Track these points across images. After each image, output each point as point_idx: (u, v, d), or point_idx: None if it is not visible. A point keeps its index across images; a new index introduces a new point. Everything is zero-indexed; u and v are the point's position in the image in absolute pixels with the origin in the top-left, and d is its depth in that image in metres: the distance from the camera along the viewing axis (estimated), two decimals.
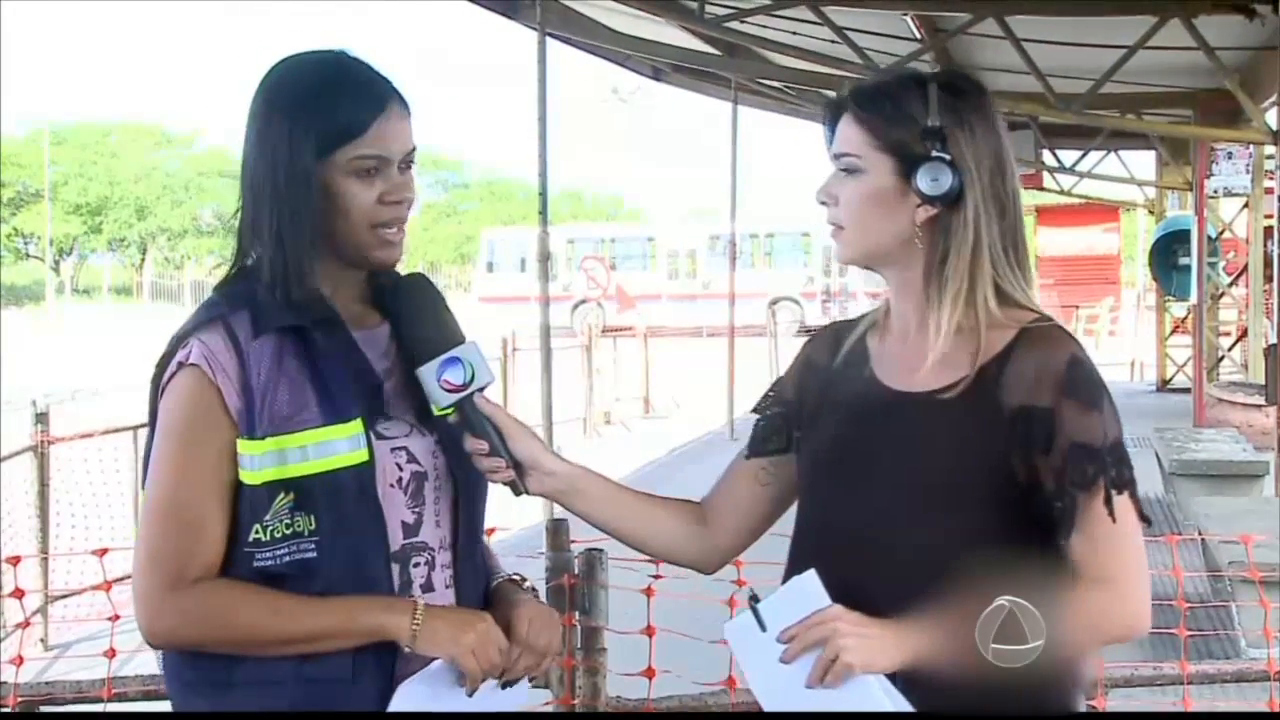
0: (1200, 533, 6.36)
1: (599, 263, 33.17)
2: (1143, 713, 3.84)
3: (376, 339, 1.94)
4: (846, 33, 10.40)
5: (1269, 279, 13.78)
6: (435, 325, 1.92)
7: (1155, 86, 13.24)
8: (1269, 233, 13.17)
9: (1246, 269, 14.60)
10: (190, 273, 48.59)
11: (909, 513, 1.79)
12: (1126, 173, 19.73)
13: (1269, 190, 13.09)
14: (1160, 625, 1.88)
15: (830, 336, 1.99)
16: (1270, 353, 9.69)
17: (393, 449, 1.88)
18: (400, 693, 1.82)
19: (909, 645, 1.73)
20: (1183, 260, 15.87)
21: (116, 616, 3.56)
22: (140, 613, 1.83)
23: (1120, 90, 12.33)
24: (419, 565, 1.89)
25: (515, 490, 1.95)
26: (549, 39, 9.32)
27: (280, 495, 1.80)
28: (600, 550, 3.31)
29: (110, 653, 3.62)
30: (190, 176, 53.77)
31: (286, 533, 1.81)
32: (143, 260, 53.37)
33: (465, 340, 1.91)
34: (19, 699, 3.50)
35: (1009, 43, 10.15)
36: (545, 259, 9.25)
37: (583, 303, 31.51)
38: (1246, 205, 14.48)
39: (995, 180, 1.83)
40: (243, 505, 1.82)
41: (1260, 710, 3.99)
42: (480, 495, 1.98)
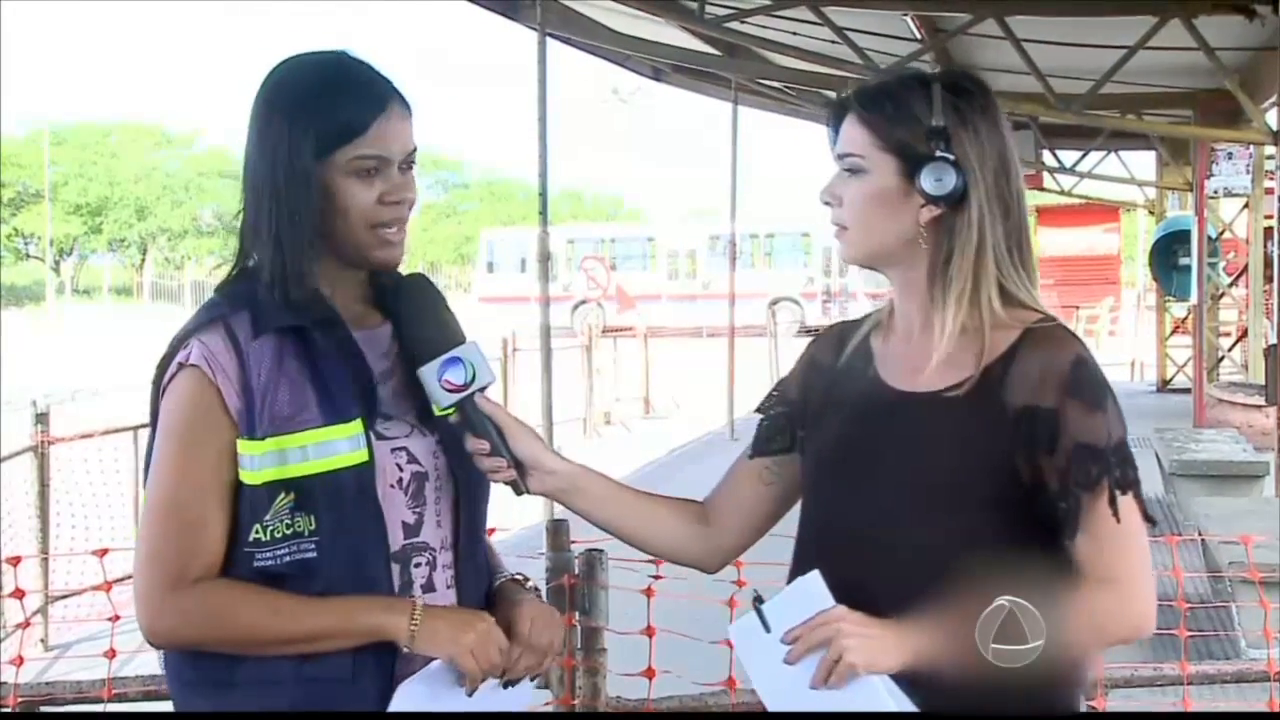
0: (1200, 533, 6.36)
1: (599, 263, 33.17)
2: (1143, 713, 3.84)
3: (378, 339, 1.94)
4: (846, 33, 10.41)
5: (1269, 279, 13.78)
6: (436, 325, 1.92)
7: (1155, 87, 13.24)
8: (1269, 233, 13.17)
9: (1246, 269, 14.60)
10: (190, 273, 48.56)
11: (912, 513, 1.79)
12: (1127, 173, 19.73)
13: (1269, 190, 13.10)
14: (1160, 626, 1.88)
15: (834, 336, 1.99)
16: (1270, 353, 9.68)
17: (393, 449, 1.88)
18: (400, 693, 1.82)
19: (912, 645, 1.73)
20: (1183, 260, 15.87)
21: (117, 617, 3.55)
22: (141, 612, 1.83)
23: (1120, 90, 12.33)
24: (420, 565, 1.89)
25: (516, 490, 1.95)
26: (549, 39, 9.33)
27: (281, 495, 1.81)
28: (600, 551, 3.31)
29: (110, 653, 3.62)
30: (190, 177, 53.73)
31: (287, 533, 1.81)
32: (143, 260, 53.35)
33: (466, 340, 1.91)
34: (19, 699, 3.50)
35: (1009, 43, 10.15)
36: (545, 259, 9.25)
37: (583, 303, 31.51)
38: (1247, 205, 14.48)
39: (1000, 180, 1.82)
40: (243, 505, 1.82)
41: (1260, 710, 3.99)
42: (482, 495, 1.98)
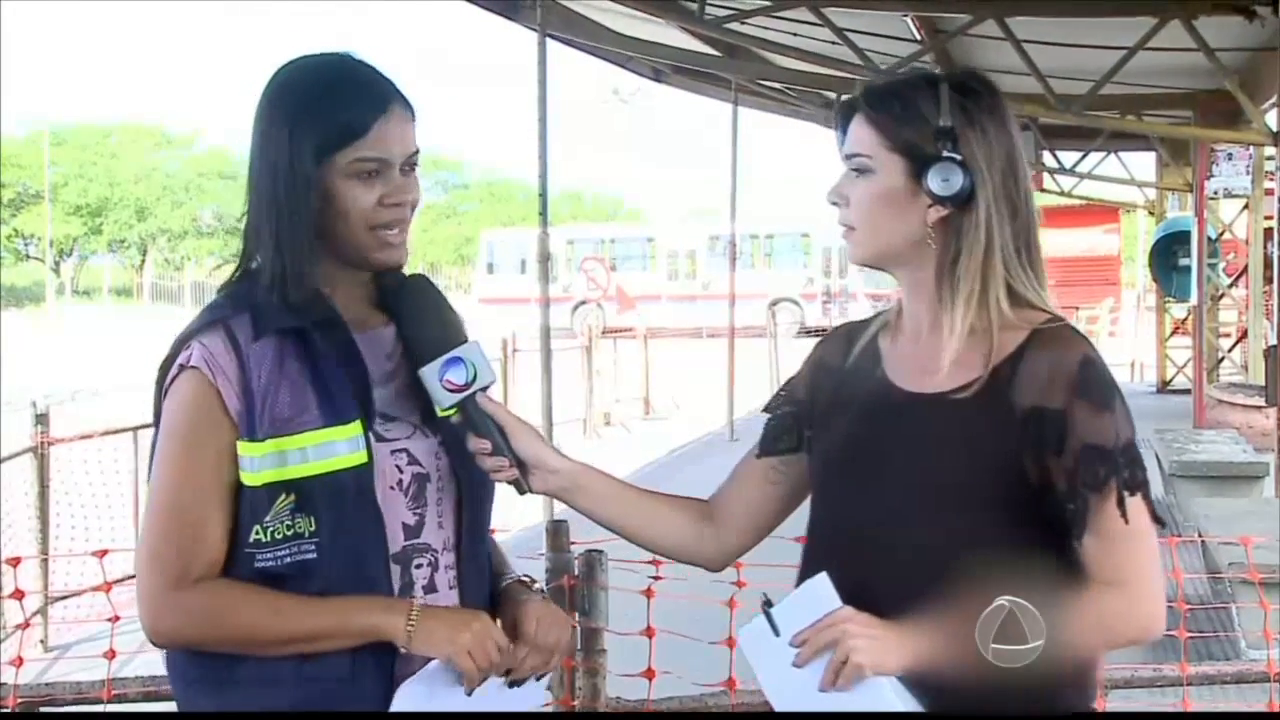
0: (1200, 534, 6.36)
1: (599, 264, 33.17)
2: (1143, 713, 3.84)
3: (381, 341, 1.94)
4: (846, 34, 10.41)
5: (1269, 280, 13.78)
6: (437, 326, 1.92)
7: (1155, 87, 13.24)
8: (1269, 234, 13.17)
9: (1246, 270, 14.61)
10: (190, 274, 48.60)
11: (920, 513, 1.78)
12: (1127, 174, 19.73)
13: (1269, 191, 13.11)
14: None
15: (843, 337, 1.98)
16: (1270, 354, 9.68)
17: (393, 451, 1.88)
18: (400, 693, 1.82)
19: (919, 646, 1.73)
20: (1183, 261, 15.88)
21: (116, 618, 3.55)
22: (143, 612, 1.84)
23: (1120, 91, 12.34)
24: (421, 566, 1.89)
25: (519, 489, 1.95)
26: (549, 40, 9.34)
27: (281, 497, 1.81)
28: (600, 551, 3.31)
29: (110, 654, 3.62)
30: (190, 177, 53.70)
31: (287, 534, 1.81)
32: (143, 261, 53.36)
33: (467, 340, 1.91)
34: (19, 700, 3.50)
35: (1009, 44, 10.15)
36: (545, 260, 9.26)
37: (583, 304, 31.51)
38: (1246, 206, 14.49)
39: (1007, 181, 1.82)
40: (243, 506, 1.82)
41: (1260, 711, 3.99)
42: (485, 497, 1.97)
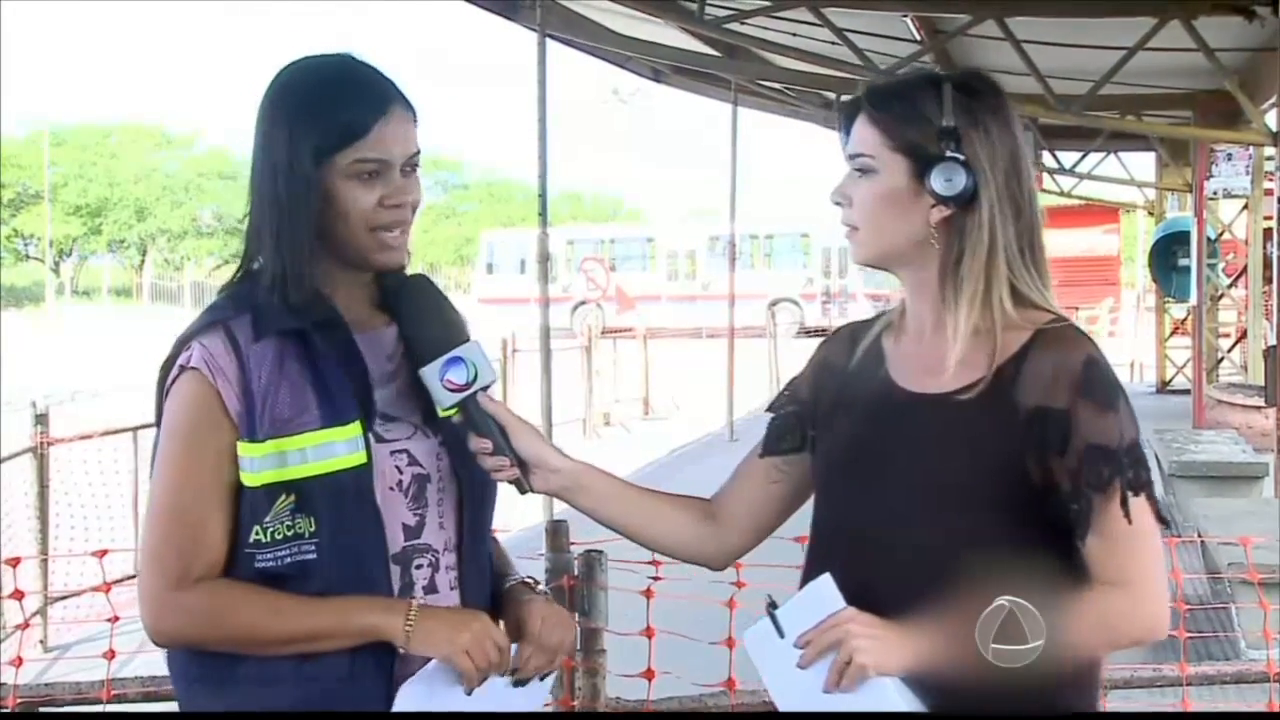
0: (1200, 534, 6.36)
1: (598, 264, 33.17)
2: (1143, 713, 3.84)
3: (383, 341, 1.94)
4: (846, 34, 10.41)
5: (1268, 280, 13.79)
6: (437, 326, 1.92)
7: (1155, 88, 13.24)
8: (1268, 234, 13.17)
9: (1246, 270, 14.61)
10: (190, 274, 48.62)
11: (923, 514, 1.78)
12: (1126, 174, 19.74)
13: (1268, 192, 13.11)
14: None
15: (847, 336, 1.98)
16: (1270, 354, 9.69)
17: (392, 452, 1.88)
18: (402, 693, 1.82)
19: (922, 646, 1.72)
20: (1182, 262, 15.88)
21: (116, 618, 3.55)
22: (144, 611, 1.84)
23: (1120, 92, 12.34)
24: (422, 567, 1.89)
25: (520, 488, 1.94)
26: (549, 40, 9.34)
27: (281, 497, 1.81)
28: (600, 552, 3.31)
29: (110, 654, 3.62)
30: (190, 178, 53.69)
31: (288, 534, 1.81)
32: (142, 261, 53.37)
33: (468, 340, 1.91)
34: (18, 700, 3.50)
35: (1009, 44, 10.15)
36: (545, 260, 9.26)
37: (582, 304, 31.51)
38: (1246, 207, 14.49)
39: (1011, 181, 1.81)
40: (244, 507, 1.82)
41: (1260, 711, 3.99)
42: (487, 498, 1.97)
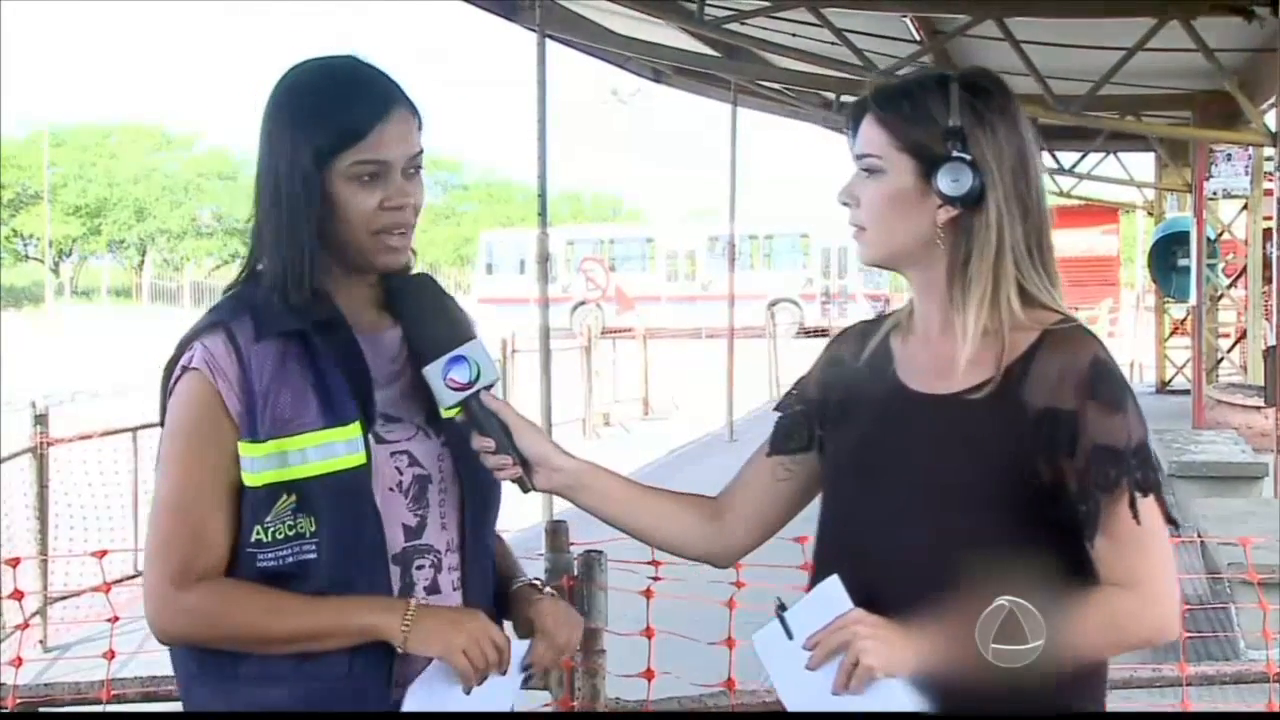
0: (1199, 534, 6.36)
1: (598, 264, 33.18)
2: (1143, 713, 3.83)
3: (387, 343, 1.94)
4: (845, 34, 10.42)
5: (1268, 281, 13.79)
6: (439, 325, 1.92)
7: (1154, 88, 13.24)
8: (1268, 234, 13.19)
9: (1245, 271, 14.61)
10: (189, 274, 48.62)
11: (931, 514, 1.78)
12: (1126, 174, 19.74)
13: (1268, 192, 13.11)
14: None
15: (856, 336, 1.97)
16: (1269, 355, 9.69)
17: (393, 453, 1.88)
18: (409, 695, 1.83)
19: (930, 647, 1.72)
20: (1182, 262, 15.88)
21: (115, 618, 3.55)
22: (148, 609, 1.85)
23: (1119, 92, 12.34)
24: (423, 568, 1.90)
25: (523, 487, 1.94)
26: (548, 40, 9.34)
27: (282, 497, 1.82)
28: (599, 552, 3.30)
29: (109, 654, 3.62)
30: (190, 178, 53.67)
31: (289, 534, 1.82)
32: (142, 262, 53.34)
33: (471, 339, 1.91)
34: (18, 700, 3.50)
35: (1008, 44, 10.15)
36: (544, 260, 9.27)
37: (582, 304, 31.52)
38: (1245, 207, 14.49)
39: (1018, 180, 1.81)
40: (245, 507, 1.83)
41: (1260, 711, 3.99)
42: (490, 498, 1.98)
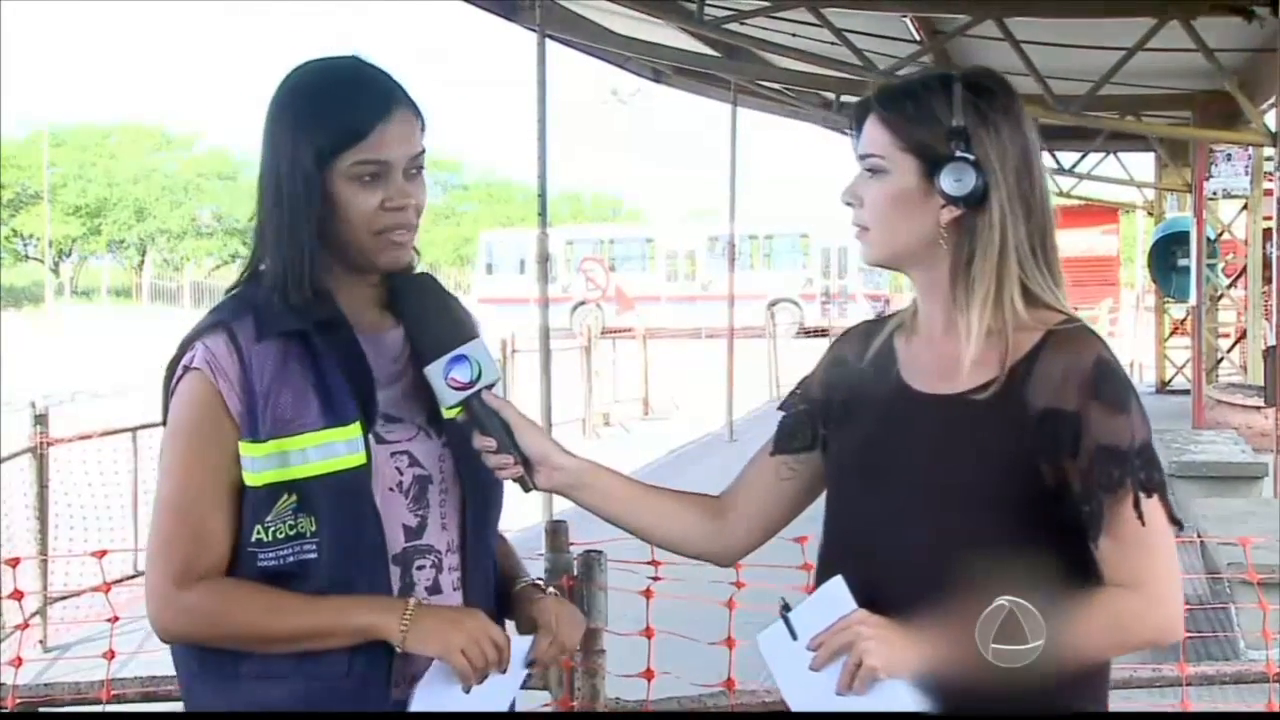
0: (1199, 534, 6.35)
1: (598, 264, 33.16)
2: (1143, 713, 3.83)
3: (389, 343, 1.94)
4: (845, 34, 10.42)
5: (1268, 281, 13.79)
6: (441, 324, 1.92)
7: (1154, 88, 13.24)
8: (1268, 234, 13.18)
9: (1245, 271, 14.61)
10: (189, 274, 48.61)
11: (934, 515, 1.77)
12: (1125, 174, 19.74)
13: (1268, 192, 13.11)
14: None
15: (860, 335, 1.97)
16: (1269, 355, 9.70)
17: (393, 453, 1.88)
18: (416, 696, 1.83)
19: (933, 648, 1.72)
20: (1182, 262, 15.88)
21: (115, 618, 3.56)
22: (150, 608, 1.86)
23: (1119, 92, 12.35)
24: (424, 568, 1.90)
25: (524, 486, 1.94)
26: (548, 40, 9.34)
27: (283, 497, 1.82)
28: (599, 552, 3.30)
29: (109, 654, 3.62)
30: (190, 178, 53.63)
31: (289, 534, 1.82)
32: (142, 262, 53.31)
33: (473, 338, 1.91)
34: (18, 700, 3.50)
35: (1008, 44, 10.15)
36: (544, 261, 9.27)
37: (582, 304, 31.50)
38: (1245, 207, 14.49)
39: (1022, 180, 1.81)
40: (246, 506, 1.83)
41: (1260, 711, 3.99)
42: (491, 499, 1.98)
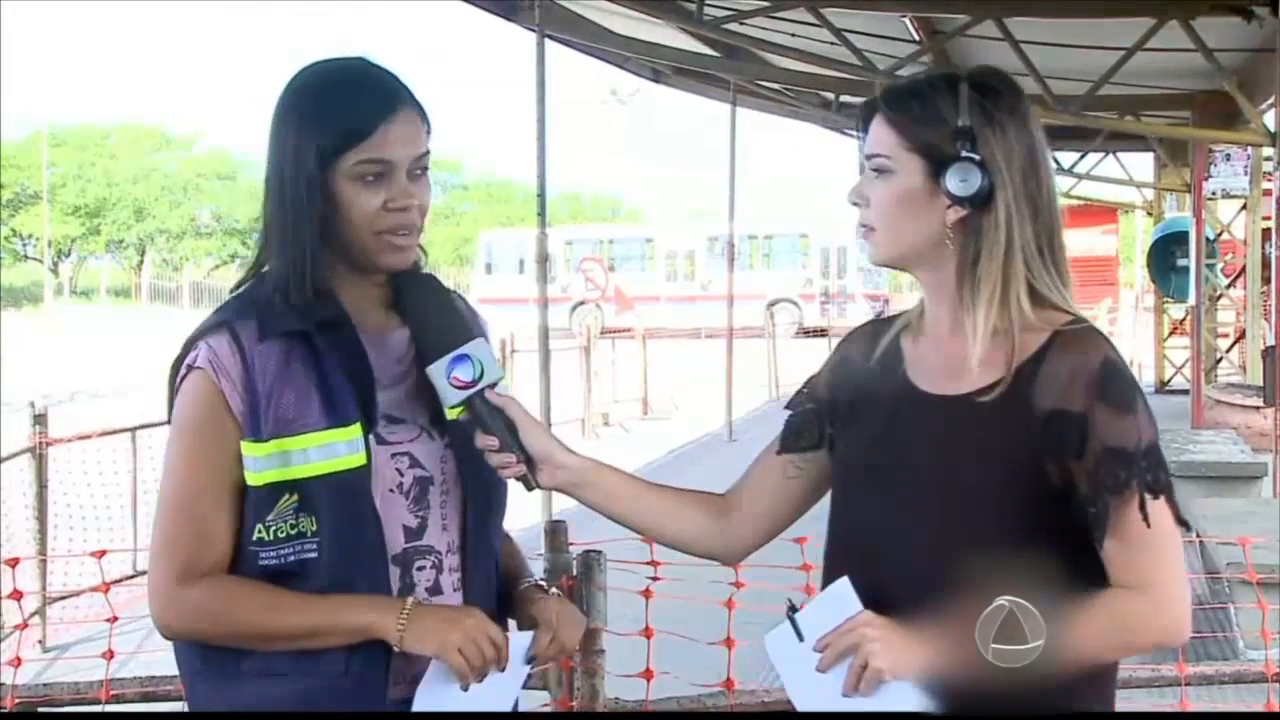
0: (1198, 534, 6.35)
1: (597, 264, 33.14)
2: (1142, 713, 3.83)
3: (394, 343, 1.94)
4: (845, 34, 10.42)
5: (1267, 281, 13.80)
6: (443, 324, 1.92)
7: (1153, 88, 13.25)
8: (1267, 234, 13.20)
9: (1244, 271, 14.62)
10: (189, 274, 48.60)
11: (940, 516, 1.77)
12: (1125, 174, 19.75)
13: (1267, 192, 13.11)
14: None
15: (867, 335, 1.97)
16: (1268, 355, 9.70)
17: (394, 454, 1.88)
18: (419, 696, 1.84)
19: (938, 649, 1.71)
20: (1181, 262, 15.90)
21: (115, 618, 3.56)
22: (152, 605, 1.87)
23: (1119, 92, 12.35)
24: (424, 569, 1.90)
25: (527, 485, 1.94)
26: (548, 40, 9.34)
27: (284, 496, 1.83)
28: (598, 552, 3.30)
29: (108, 654, 3.62)
30: (189, 178, 53.59)
31: (290, 533, 1.83)
32: (141, 262, 53.28)
33: (475, 337, 1.91)
34: (17, 700, 3.50)
35: (1007, 44, 10.16)
36: (543, 261, 9.27)
37: (581, 304, 31.48)
38: (1244, 207, 14.50)
39: (1028, 180, 1.80)
40: (248, 505, 1.84)
41: (1259, 711, 4.00)
42: (493, 500, 1.98)
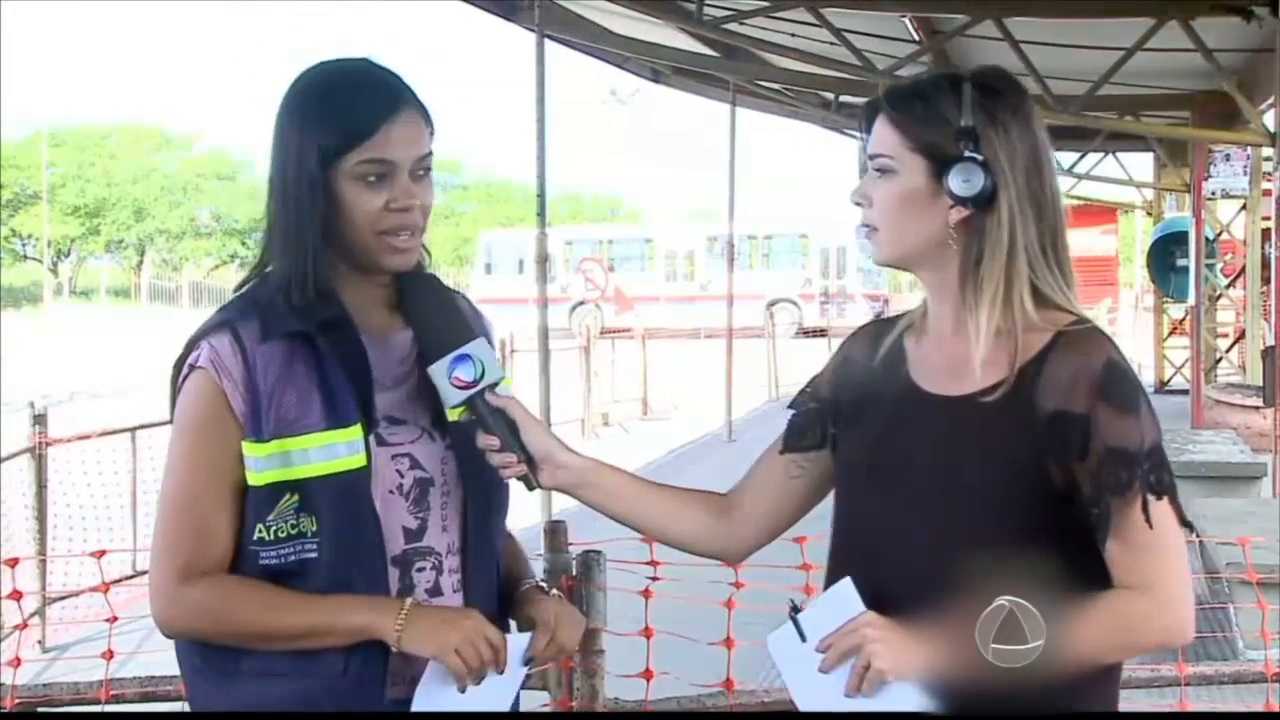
0: (1198, 534, 6.35)
1: (597, 264, 33.14)
2: (1142, 713, 3.83)
3: (396, 344, 1.94)
4: (844, 34, 10.42)
5: (1266, 281, 13.80)
6: (444, 324, 1.92)
7: (1153, 88, 13.25)
8: (1266, 234, 13.20)
9: (1244, 271, 14.62)
10: (188, 275, 48.61)
11: (943, 516, 1.77)
12: (1124, 174, 19.76)
13: (1266, 192, 13.12)
14: None
15: (871, 335, 1.97)
16: (1268, 355, 9.70)
17: (394, 455, 1.89)
18: (418, 696, 1.84)
19: (940, 650, 1.71)
20: (1180, 262, 15.90)
21: (114, 618, 3.56)
22: (153, 604, 1.87)
23: (1118, 92, 12.35)
24: (424, 570, 1.90)
25: (528, 485, 1.94)
26: (547, 40, 9.35)
27: (285, 496, 1.83)
28: (598, 552, 3.30)
29: (108, 654, 3.62)
30: (189, 178, 53.59)
31: (291, 533, 1.83)
32: (140, 262, 53.27)
33: (476, 337, 1.91)
34: (16, 700, 3.50)
35: (1007, 44, 10.16)
36: (543, 261, 9.27)
37: (581, 304, 31.48)
38: (1244, 207, 14.50)
39: (1031, 180, 1.80)
40: (249, 505, 1.84)
41: (1259, 711, 4.00)
42: (494, 502, 1.98)
